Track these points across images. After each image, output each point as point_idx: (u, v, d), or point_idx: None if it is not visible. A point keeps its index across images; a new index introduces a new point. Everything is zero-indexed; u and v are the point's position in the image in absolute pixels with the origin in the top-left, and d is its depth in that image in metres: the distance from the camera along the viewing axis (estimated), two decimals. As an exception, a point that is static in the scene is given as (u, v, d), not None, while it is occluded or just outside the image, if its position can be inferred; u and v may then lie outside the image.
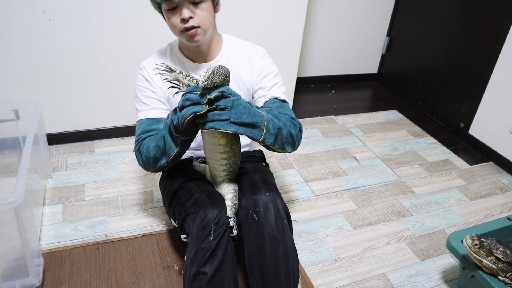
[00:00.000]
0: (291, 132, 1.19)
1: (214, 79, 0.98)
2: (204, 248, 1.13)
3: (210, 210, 1.17)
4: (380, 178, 2.07)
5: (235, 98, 1.03)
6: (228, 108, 1.02)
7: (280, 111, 1.25)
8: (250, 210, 1.19)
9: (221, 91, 1.01)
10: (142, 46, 1.96)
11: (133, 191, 1.79)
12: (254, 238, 1.18)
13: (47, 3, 1.71)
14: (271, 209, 1.19)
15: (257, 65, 1.34)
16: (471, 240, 1.22)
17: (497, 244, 1.22)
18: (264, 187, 1.23)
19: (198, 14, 1.14)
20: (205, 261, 1.12)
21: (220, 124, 1.02)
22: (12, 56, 1.77)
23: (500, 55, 2.21)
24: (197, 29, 1.15)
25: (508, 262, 1.20)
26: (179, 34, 1.18)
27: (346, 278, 1.48)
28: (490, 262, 1.20)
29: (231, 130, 1.03)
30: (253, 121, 1.05)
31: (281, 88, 1.35)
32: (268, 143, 1.12)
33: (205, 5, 1.15)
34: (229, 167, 1.24)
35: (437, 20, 2.63)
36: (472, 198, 1.99)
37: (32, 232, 1.36)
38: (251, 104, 1.09)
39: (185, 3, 1.12)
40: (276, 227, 1.17)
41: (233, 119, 1.02)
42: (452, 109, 2.59)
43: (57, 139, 2.06)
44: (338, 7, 2.80)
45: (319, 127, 2.49)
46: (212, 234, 1.14)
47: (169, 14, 1.15)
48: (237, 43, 1.36)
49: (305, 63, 2.95)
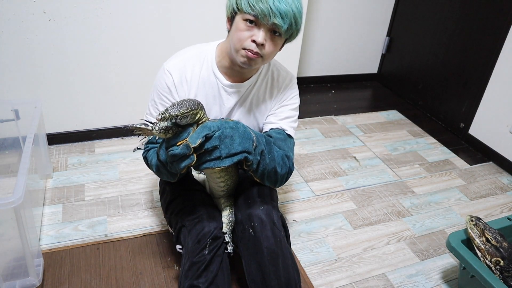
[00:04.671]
0: (276, 169, 1.16)
1: (172, 112, 0.92)
2: (199, 261, 1.12)
3: (206, 223, 1.16)
4: (380, 178, 2.07)
5: (219, 132, 0.98)
6: (217, 146, 0.98)
7: (280, 144, 1.22)
8: (246, 225, 1.17)
9: (203, 135, 0.96)
10: (142, 46, 1.96)
11: (133, 191, 1.79)
12: (253, 253, 1.16)
13: (47, 3, 1.71)
14: (267, 222, 1.16)
15: (282, 93, 1.29)
16: (469, 217, 1.35)
17: (492, 229, 1.32)
18: (259, 200, 1.20)
19: (269, 45, 1.08)
20: (198, 274, 1.11)
21: (213, 163, 0.99)
22: (12, 56, 1.77)
23: (500, 55, 2.21)
24: (259, 58, 1.08)
25: (495, 246, 1.28)
26: (237, 49, 1.09)
27: (346, 278, 1.48)
28: (481, 242, 1.30)
29: (226, 165, 1.01)
30: (244, 148, 1.02)
31: (293, 123, 1.30)
32: (252, 168, 1.10)
33: (279, 40, 1.09)
34: (228, 187, 1.23)
35: (437, 20, 2.63)
36: (472, 198, 1.99)
37: (32, 232, 1.36)
38: (237, 123, 1.05)
39: (266, 27, 1.04)
40: (274, 240, 1.15)
41: (224, 154, 0.99)
42: (452, 109, 2.59)
43: (57, 139, 2.06)
44: (338, 7, 2.80)
45: (319, 127, 2.49)
46: (207, 248, 1.13)
47: (243, 25, 1.06)
48: (271, 66, 1.29)
49: (305, 63, 2.95)
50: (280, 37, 1.08)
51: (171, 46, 2.01)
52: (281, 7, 1.01)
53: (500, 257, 1.27)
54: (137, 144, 2.11)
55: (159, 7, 1.90)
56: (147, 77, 2.05)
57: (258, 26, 1.05)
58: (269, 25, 1.03)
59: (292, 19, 1.04)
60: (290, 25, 1.05)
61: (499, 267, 1.27)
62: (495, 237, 1.30)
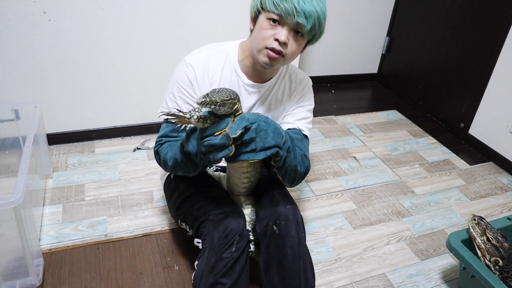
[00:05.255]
0: (296, 167, 1.15)
1: (213, 97, 0.92)
2: (226, 258, 1.10)
3: (233, 219, 1.13)
4: (380, 178, 2.07)
5: (256, 124, 0.98)
6: (254, 139, 0.98)
7: (298, 144, 1.22)
8: (270, 222, 1.16)
9: (243, 126, 0.95)
10: (142, 46, 1.96)
11: (133, 191, 1.79)
12: (274, 251, 1.15)
13: (47, 3, 1.71)
14: (292, 221, 1.16)
15: (299, 94, 1.31)
16: (472, 215, 1.36)
17: (493, 228, 1.32)
18: (284, 200, 1.21)
19: (292, 45, 1.08)
20: (224, 272, 1.09)
21: (248, 155, 0.99)
22: (12, 56, 1.77)
23: (500, 55, 2.21)
24: (281, 57, 1.08)
25: (495, 246, 1.28)
26: (260, 48, 1.09)
27: (346, 278, 1.48)
28: (481, 241, 1.30)
29: (260, 158, 1.00)
30: (277, 142, 1.02)
31: (309, 125, 1.33)
32: (279, 164, 1.09)
33: (302, 40, 1.09)
34: (250, 184, 1.22)
35: (437, 20, 2.63)
36: (472, 198, 1.99)
37: (32, 232, 1.36)
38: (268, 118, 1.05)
39: (289, 26, 1.05)
40: (298, 240, 1.15)
41: (259, 147, 0.99)
42: (452, 109, 2.59)
43: (57, 139, 2.06)
44: (338, 7, 2.80)
45: (319, 127, 2.49)
46: (234, 245, 1.11)
47: (266, 24, 1.06)
48: (289, 68, 1.30)
49: (305, 63, 2.95)
50: (303, 38, 1.08)
51: (172, 46, 2.01)
52: (306, 7, 1.01)
53: (499, 256, 1.27)
54: (137, 144, 2.11)
55: (159, 7, 1.90)
56: (147, 76, 2.05)
57: (281, 25, 1.05)
58: (292, 24, 1.04)
59: (316, 20, 1.04)
60: (313, 26, 1.05)
61: (498, 267, 1.27)
62: (496, 237, 1.30)
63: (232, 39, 1.27)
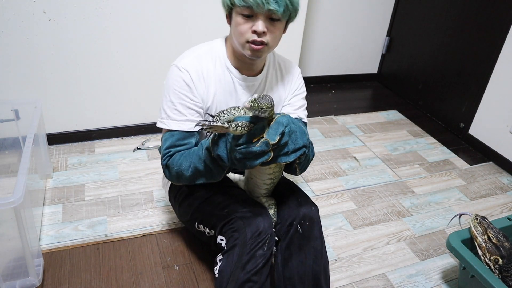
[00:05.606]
0: (309, 157, 1.14)
1: (260, 103, 0.90)
2: (260, 256, 1.10)
3: (262, 219, 1.13)
4: (380, 178, 2.07)
5: (288, 127, 0.98)
6: (287, 143, 0.98)
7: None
8: (295, 222, 1.17)
9: (280, 131, 0.95)
10: (142, 46, 1.96)
11: (133, 191, 1.79)
12: (296, 249, 1.17)
13: (47, 3, 1.71)
14: (316, 223, 1.18)
15: (293, 83, 1.32)
16: (475, 215, 1.37)
17: (495, 228, 1.33)
18: (308, 201, 1.23)
19: (271, 31, 1.08)
20: (257, 270, 1.09)
21: (281, 158, 0.99)
22: (12, 56, 1.77)
23: (500, 55, 2.21)
24: (264, 46, 1.09)
25: (496, 245, 1.29)
26: (242, 43, 1.09)
27: (346, 278, 1.48)
28: (482, 240, 1.32)
29: (291, 160, 1.01)
30: (304, 142, 1.03)
31: (305, 112, 1.35)
32: (302, 161, 1.09)
33: (280, 24, 1.09)
34: (272, 185, 1.22)
35: (437, 20, 2.63)
36: (472, 198, 1.99)
37: (32, 232, 1.36)
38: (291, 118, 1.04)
39: (263, 15, 1.04)
40: (320, 241, 1.18)
41: (291, 149, 1.00)
42: (452, 109, 2.59)
43: (57, 139, 2.06)
44: (338, 7, 2.80)
45: (319, 127, 2.49)
46: (266, 244, 1.11)
47: (240, 19, 1.07)
48: (275, 57, 1.31)
49: (305, 63, 2.95)
50: (280, 21, 1.08)
51: (172, 46, 2.01)
52: None
53: (499, 255, 1.28)
54: (137, 144, 2.11)
55: (159, 6, 1.90)
56: (147, 76, 2.05)
57: (255, 16, 1.05)
58: (265, 12, 1.04)
59: (286, 1, 1.03)
60: (286, 7, 1.04)
61: (498, 266, 1.28)
62: (497, 236, 1.31)
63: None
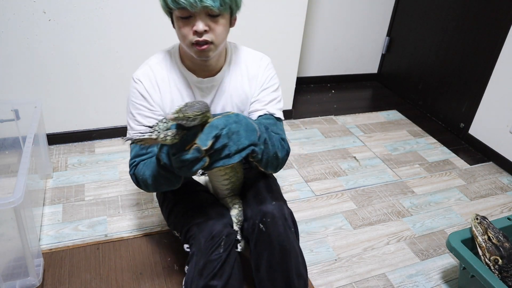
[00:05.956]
0: (277, 154, 1.11)
1: (186, 112, 0.87)
2: (214, 260, 1.09)
3: (217, 222, 1.13)
4: (380, 178, 2.07)
5: (226, 129, 0.95)
6: (226, 145, 0.95)
7: (273, 129, 1.17)
8: (257, 221, 1.15)
9: (213, 135, 0.92)
10: (142, 46, 1.96)
11: (133, 191, 1.79)
12: (263, 249, 1.14)
13: (47, 3, 1.71)
14: (278, 218, 1.14)
15: (259, 77, 1.23)
16: (475, 215, 1.38)
17: (495, 228, 1.34)
18: (269, 196, 1.18)
19: (214, 28, 1.02)
20: (214, 274, 1.09)
21: (223, 161, 0.96)
22: (12, 56, 1.77)
23: (500, 55, 2.21)
24: (210, 45, 1.04)
25: (496, 245, 1.30)
26: (188, 46, 1.06)
27: (346, 278, 1.48)
28: (482, 240, 1.32)
29: (236, 161, 0.97)
30: (251, 141, 0.99)
31: (278, 104, 1.25)
32: (258, 158, 1.06)
33: (222, 19, 1.03)
34: (232, 185, 1.20)
35: (437, 20, 2.63)
36: (472, 198, 1.99)
37: (32, 232, 1.36)
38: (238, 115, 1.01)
39: (201, 14, 1.00)
40: (285, 237, 1.13)
41: (233, 151, 0.96)
42: (452, 109, 2.59)
43: (57, 139, 2.06)
44: (338, 7, 2.80)
45: (319, 127, 2.49)
46: (222, 246, 1.10)
47: (180, 22, 1.03)
48: (240, 53, 1.24)
49: (305, 63, 2.95)
50: (221, 16, 1.03)
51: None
52: None
53: (499, 255, 1.28)
54: None
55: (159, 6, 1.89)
56: (147, 77, 2.04)
57: (194, 16, 1.00)
58: (202, 10, 0.99)
59: None
60: (222, 1, 0.99)
61: (498, 266, 1.28)
62: (497, 236, 1.31)
63: (233, 39, 1.26)
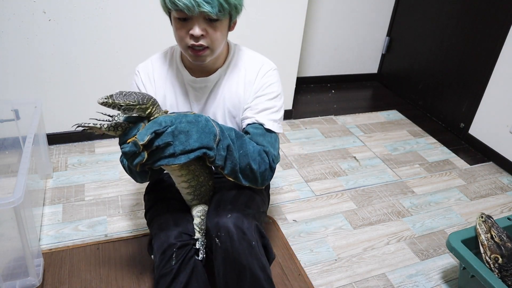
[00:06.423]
0: (251, 166, 1.05)
1: (117, 99, 0.85)
2: (166, 273, 1.04)
3: (171, 233, 1.08)
4: (380, 178, 2.07)
5: (172, 127, 0.92)
6: (170, 143, 0.92)
7: (258, 140, 1.11)
8: (213, 234, 1.05)
9: (152, 131, 0.89)
10: (142, 46, 1.96)
11: (133, 191, 1.79)
12: (220, 265, 1.06)
13: (47, 3, 1.71)
14: (234, 233, 1.03)
15: (255, 83, 1.17)
16: (481, 213, 1.39)
17: (499, 228, 1.35)
18: (229, 208, 1.07)
19: (211, 33, 1.00)
20: (167, 287, 1.04)
21: (167, 160, 0.93)
22: (12, 56, 1.77)
23: (500, 55, 2.21)
24: (205, 50, 1.02)
25: (497, 243, 1.31)
26: (184, 49, 1.04)
27: (346, 278, 1.48)
28: (485, 238, 1.34)
29: (181, 162, 0.94)
30: (203, 144, 0.95)
31: (273, 115, 1.16)
32: (218, 164, 1.01)
33: (220, 24, 1.01)
34: (194, 190, 1.12)
35: (437, 20, 2.63)
36: (472, 198, 1.99)
37: (32, 232, 1.36)
38: (199, 116, 0.98)
39: (199, 18, 0.97)
40: (242, 252, 1.03)
41: (178, 151, 0.93)
42: (452, 109, 2.59)
43: (57, 139, 2.06)
44: (338, 7, 2.80)
45: (319, 127, 2.49)
46: (174, 258, 1.05)
47: (178, 23, 1.01)
48: (242, 56, 1.19)
49: (305, 63, 2.95)
50: (219, 21, 1.00)
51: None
52: None
53: (499, 254, 1.29)
54: None
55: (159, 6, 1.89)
56: (147, 77, 2.04)
57: (191, 19, 0.98)
58: (199, 14, 0.97)
59: (219, 0, 0.96)
60: (220, 7, 0.96)
61: (498, 265, 1.28)
62: (499, 235, 1.32)
63: (233, 39, 1.26)
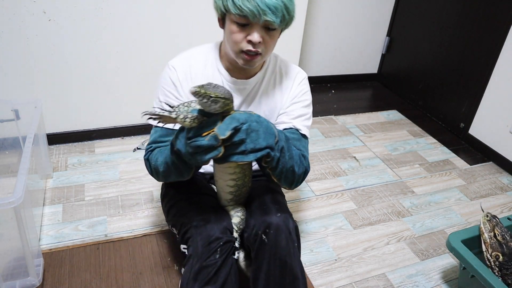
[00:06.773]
0: (293, 168, 1.09)
1: (209, 90, 0.86)
2: (210, 265, 1.07)
3: (216, 226, 1.11)
4: (380, 178, 2.07)
5: (246, 125, 0.94)
6: (244, 140, 0.94)
7: (295, 144, 1.16)
8: (260, 231, 1.10)
9: (233, 127, 0.90)
10: (142, 46, 1.96)
11: (133, 191, 1.79)
12: (263, 261, 1.10)
13: (47, 3, 1.71)
14: (283, 231, 1.10)
15: (293, 90, 1.23)
16: (486, 212, 1.39)
17: (503, 228, 1.35)
18: (275, 208, 1.15)
19: (267, 41, 1.04)
20: (209, 279, 1.06)
21: (237, 157, 0.94)
22: (12, 56, 1.77)
23: (500, 55, 2.21)
24: (258, 56, 1.05)
25: (499, 242, 1.32)
26: (236, 52, 1.05)
27: (346, 278, 1.48)
28: (488, 237, 1.34)
29: (250, 160, 0.96)
30: (268, 143, 0.97)
31: (307, 122, 1.24)
32: (272, 165, 1.04)
33: (276, 33, 1.05)
34: (236, 189, 1.15)
35: (437, 20, 2.63)
36: (472, 198, 1.99)
37: (32, 232, 1.36)
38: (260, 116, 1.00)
39: (260, 25, 1.00)
40: (287, 251, 1.09)
41: (249, 148, 0.95)
42: (452, 109, 2.59)
43: (57, 139, 2.06)
44: (338, 7, 2.80)
45: (319, 127, 2.49)
46: (218, 252, 1.08)
47: (235, 27, 1.02)
48: (278, 63, 1.25)
49: (305, 63, 2.95)
50: (276, 30, 1.04)
51: (172, 46, 2.01)
52: (270, 2, 0.96)
53: (500, 252, 1.30)
54: (137, 144, 2.11)
55: (159, 6, 1.90)
56: (147, 77, 2.05)
57: (251, 26, 1.00)
58: (261, 23, 1.00)
59: (283, 11, 0.99)
60: (282, 17, 1.00)
61: (498, 263, 1.29)
62: (502, 234, 1.33)
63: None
